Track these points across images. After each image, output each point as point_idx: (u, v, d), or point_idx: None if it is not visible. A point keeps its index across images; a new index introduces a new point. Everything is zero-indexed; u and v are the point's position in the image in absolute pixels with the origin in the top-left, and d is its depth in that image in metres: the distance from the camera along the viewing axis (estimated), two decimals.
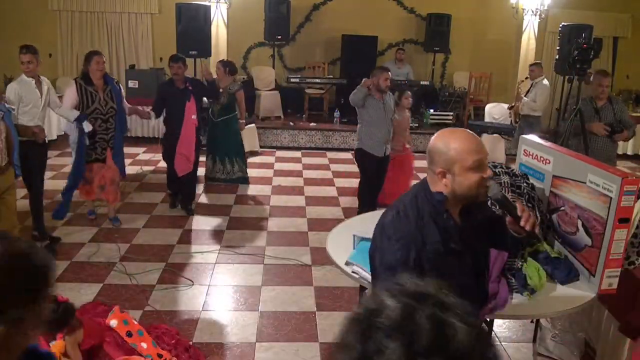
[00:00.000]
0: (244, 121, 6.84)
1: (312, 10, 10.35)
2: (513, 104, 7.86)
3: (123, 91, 5.25)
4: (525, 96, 7.50)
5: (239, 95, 6.59)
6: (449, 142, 1.73)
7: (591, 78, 5.57)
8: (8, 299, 1.03)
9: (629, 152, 9.28)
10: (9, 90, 4.56)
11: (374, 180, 5.50)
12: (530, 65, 7.72)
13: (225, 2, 8.91)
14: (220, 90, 6.43)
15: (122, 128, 5.28)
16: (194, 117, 5.64)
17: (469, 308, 0.79)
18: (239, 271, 4.53)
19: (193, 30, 8.05)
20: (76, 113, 4.86)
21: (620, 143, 9.15)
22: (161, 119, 5.97)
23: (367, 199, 5.54)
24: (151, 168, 7.53)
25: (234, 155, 6.80)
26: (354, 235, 2.79)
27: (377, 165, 5.41)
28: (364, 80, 5.25)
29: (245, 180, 6.90)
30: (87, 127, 4.86)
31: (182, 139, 5.58)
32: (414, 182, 7.18)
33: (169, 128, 5.77)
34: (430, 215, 1.72)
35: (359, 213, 5.35)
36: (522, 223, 1.80)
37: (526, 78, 7.78)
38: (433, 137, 1.81)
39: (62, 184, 5.41)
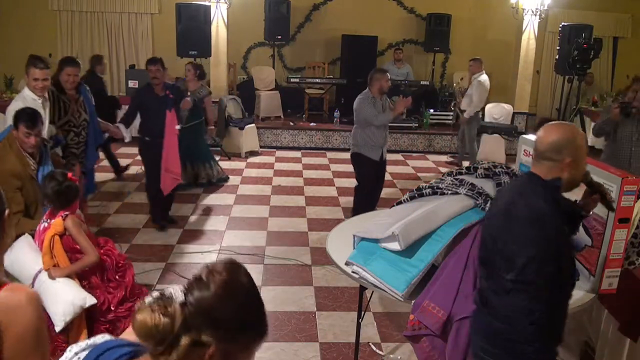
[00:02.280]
0: (213, 127, 6.63)
1: (312, 10, 10.36)
2: (456, 101, 7.99)
3: (93, 100, 4.71)
4: (465, 92, 7.71)
5: (207, 102, 6.43)
6: (574, 133, 1.91)
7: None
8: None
9: None
10: (10, 112, 3.63)
11: (371, 186, 5.38)
12: (470, 60, 7.85)
13: (225, 2, 8.91)
14: (188, 93, 6.19)
15: (97, 139, 4.69)
16: (177, 127, 5.16)
17: None
18: None
19: (193, 30, 8.05)
20: (52, 128, 4.19)
21: None
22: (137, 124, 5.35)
23: (363, 205, 5.32)
24: None
25: (209, 159, 6.68)
26: (354, 235, 2.79)
27: (375, 169, 5.31)
28: (396, 111, 5.17)
29: (215, 183, 6.82)
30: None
31: (166, 154, 4.99)
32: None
33: (147, 141, 5.11)
34: (552, 199, 1.87)
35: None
36: (608, 197, 2.10)
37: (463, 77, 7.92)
38: (553, 131, 1.92)
39: None
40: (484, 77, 7.64)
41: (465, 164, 7.66)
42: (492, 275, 1.93)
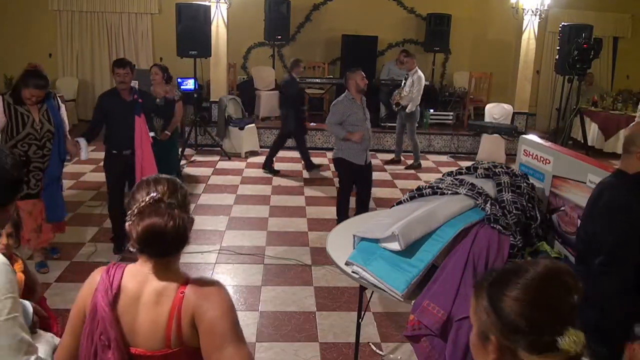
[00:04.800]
0: (169, 133, 5.86)
1: (312, 10, 10.36)
2: (394, 97, 8.07)
3: (63, 107, 4.32)
4: (403, 88, 7.90)
5: (178, 107, 5.94)
6: None
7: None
8: None
9: (619, 152, 9.15)
10: None
11: (350, 191, 5.20)
12: (405, 57, 8.09)
13: (225, 2, 8.91)
14: (157, 100, 5.70)
15: (62, 153, 4.19)
16: (152, 134, 4.78)
17: None
18: (239, 271, 4.53)
19: (193, 30, 8.05)
20: None
21: (612, 143, 9.17)
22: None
23: (344, 210, 5.18)
24: None
25: (176, 174, 5.97)
26: (354, 235, 2.79)
27: (358, 174, 5.09)
28: (351, 136, 4.86)
29: None
30: None
31: (143, 164, 4.55)
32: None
33: (114, 151, 4.61)
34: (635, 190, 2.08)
35: (338, 223, 5.19)
36: None
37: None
38: (631, 127, 2.28)
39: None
40: (420, 73, 7.94)
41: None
42: (585, 265, 2.11)
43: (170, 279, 1.48)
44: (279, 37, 9.69)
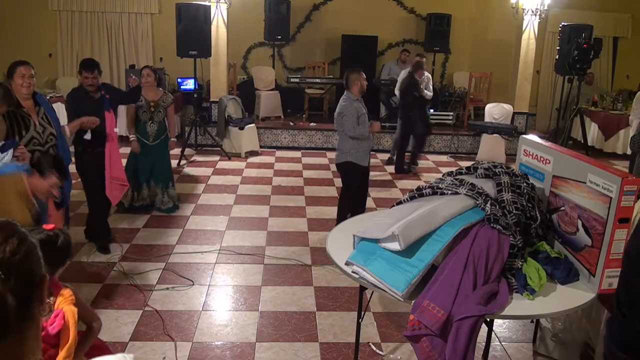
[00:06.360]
0: (175, 139, 5.92)
1: (312, 10, 10.37)
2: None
3: (56, 109, 4.12)
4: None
5: (170, 110, 5.77)
6: None
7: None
8: None
9: (619, 152, 9.09)
10: None
11: (356, 193, 5.21)
12: (423, 58, 8.04)
13: (225, 2, 8.91)
14: (151, 104, 5.59)
15: (66, 157, 4.02)
16: (116, 130, 4.71)
17: None
18: (239, 271, 4.53)
19: (193, 30, 8.05)
20: None
21: (612, 143, 9.15)
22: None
23: (347, 211, 5.11)
24: None
25: (169, 181, 5.85)
26: (354, 235, 2.79)
27: (363, 175, 5.18)
28: (373, 124, 5.12)
29: (177, 207, 5.92)
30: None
31: (110, 160, 4.56)
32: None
33: (87, 148, 4.52)
34: None
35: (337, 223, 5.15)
36: None
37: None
38: None
39: None
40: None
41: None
42: (634, 286, 1.86)
43: None
44: (279, 37, 9.71)
